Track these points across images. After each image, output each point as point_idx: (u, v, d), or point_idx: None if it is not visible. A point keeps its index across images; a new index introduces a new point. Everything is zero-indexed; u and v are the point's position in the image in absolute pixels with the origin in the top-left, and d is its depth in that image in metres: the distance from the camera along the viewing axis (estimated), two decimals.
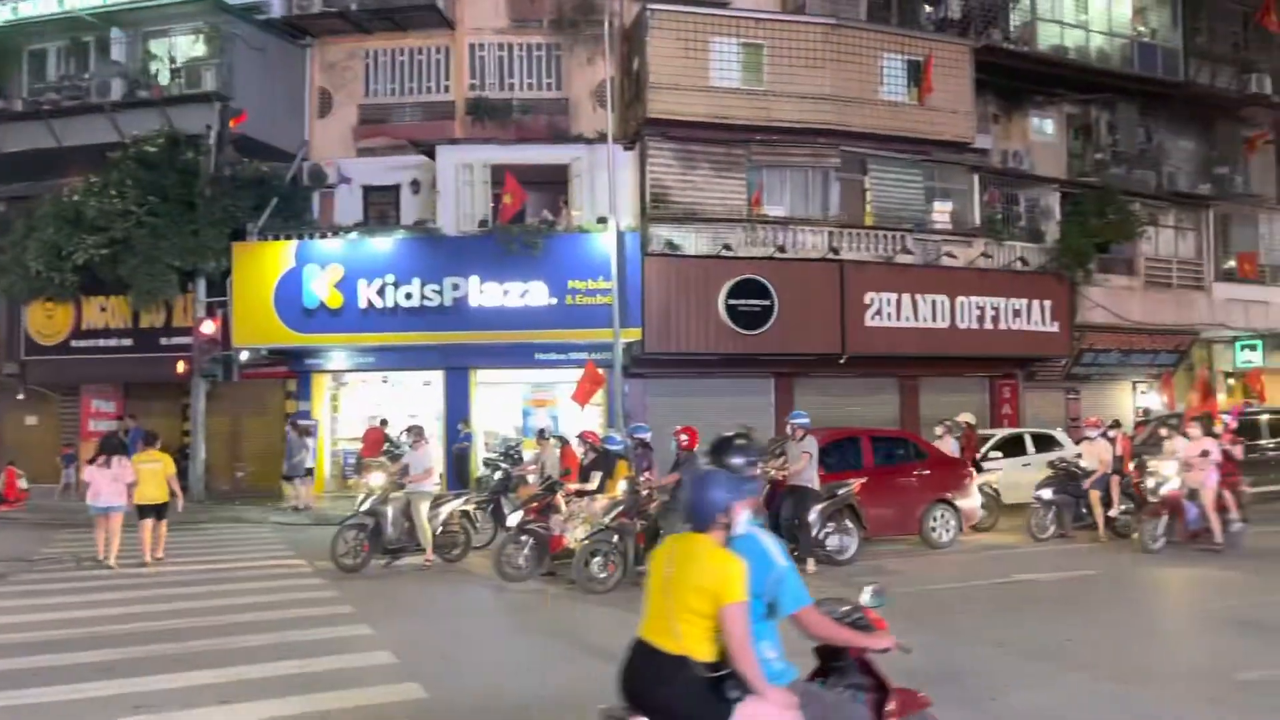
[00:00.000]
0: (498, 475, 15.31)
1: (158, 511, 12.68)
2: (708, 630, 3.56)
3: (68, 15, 21.51)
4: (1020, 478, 16.62)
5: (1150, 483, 13.44)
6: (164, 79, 21.36)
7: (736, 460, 4.07)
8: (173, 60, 21.59)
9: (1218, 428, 14.56)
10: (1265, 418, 17.68)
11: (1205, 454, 12.92)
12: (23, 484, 19.64)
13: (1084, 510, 14.29)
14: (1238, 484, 13.77)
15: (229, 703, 6.37)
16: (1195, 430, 13.48)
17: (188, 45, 21.66)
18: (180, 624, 8.74)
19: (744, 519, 3.74)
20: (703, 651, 3.57)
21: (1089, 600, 9.87)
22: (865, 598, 4.22)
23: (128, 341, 21.70)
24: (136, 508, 12.49)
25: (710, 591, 3.54)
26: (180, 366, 20.21)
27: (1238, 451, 14.12)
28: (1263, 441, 16.89)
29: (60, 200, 20.43)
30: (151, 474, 12.63)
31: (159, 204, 19.80)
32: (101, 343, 21.81)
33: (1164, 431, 14.14)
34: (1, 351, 22.61)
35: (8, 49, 21.89)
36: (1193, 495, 12.91)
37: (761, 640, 3.66)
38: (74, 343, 21.96)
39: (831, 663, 4.04)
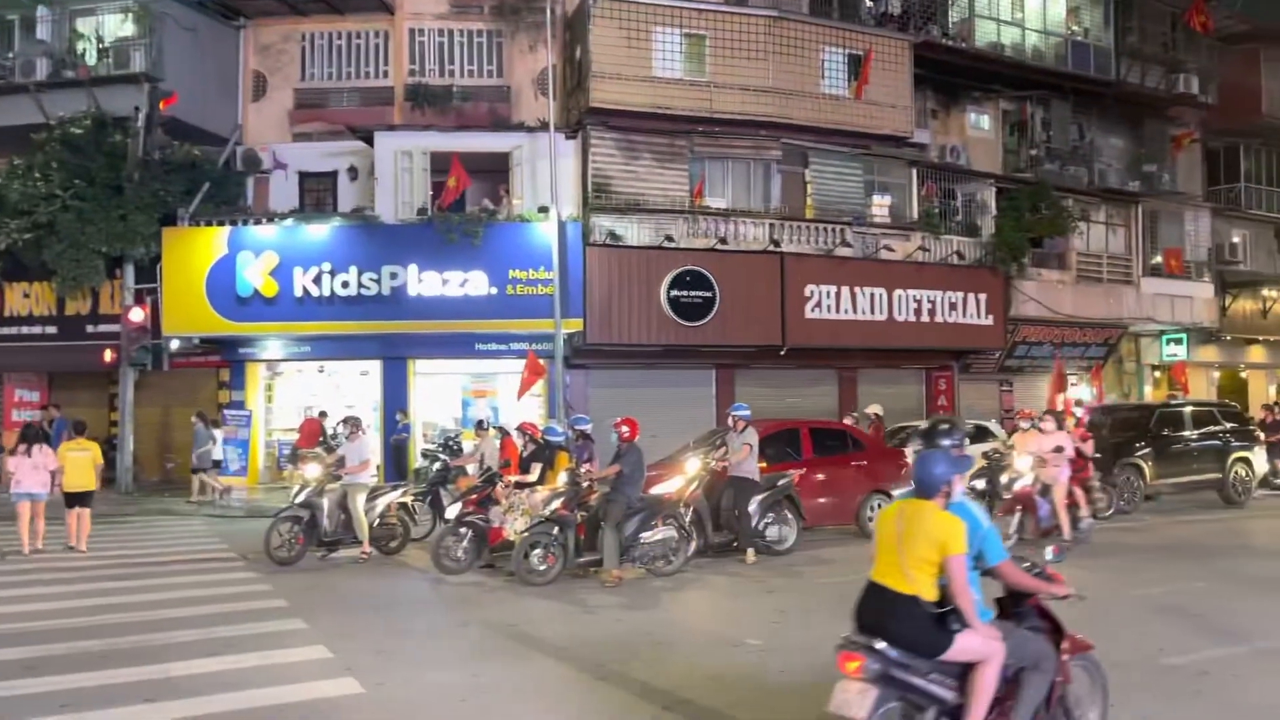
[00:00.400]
0: (436, 467, 15.14)
1: (81, 500, 12.67)
2: (933, 575, 4.40)
3: None
4: None
5: (1004, 478, 13.38)
6: (91, 59, 20.66)
7: (947, 442, 4.81)
8: (100, 40, 20.89)
9: (1069, 423, 14.89)
10: (1188, 410, 18.18)
11: (1059, 450, 12.80)
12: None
13: None
14: (1089, 480, 14.06)
15: (156, 700, 6.20)
16: (1049, 425, 13.33)
17: (116, 24, 20.98)
18: (108, 619, 8.49)
19: (960, 489, 4.59)
20: (929, 592, 4.39)
21: None
22: (1047, 555, 5.05)
23: (52, 329, 21.09)
24: (64, 495, 12.55)
25: (939, 544, 4.35)
26: (108, 355, 19.66)
27: (1088, 448, 14.20)
28: (1185, 433, 17.36)
29: None
30: (78, 462, 12.65)
31: (85, 187, 19.18)
32: (25, 330, 21.15)
33: (1024, 425, 14.33)
34: None
35: None
36: (1045, 492, 12.74)
37: (971, 586, 4.44)
38: None
39: (1014, 609, 4.83)
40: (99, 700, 6.18)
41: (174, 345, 19.85)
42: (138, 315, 19.08)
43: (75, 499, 12.58)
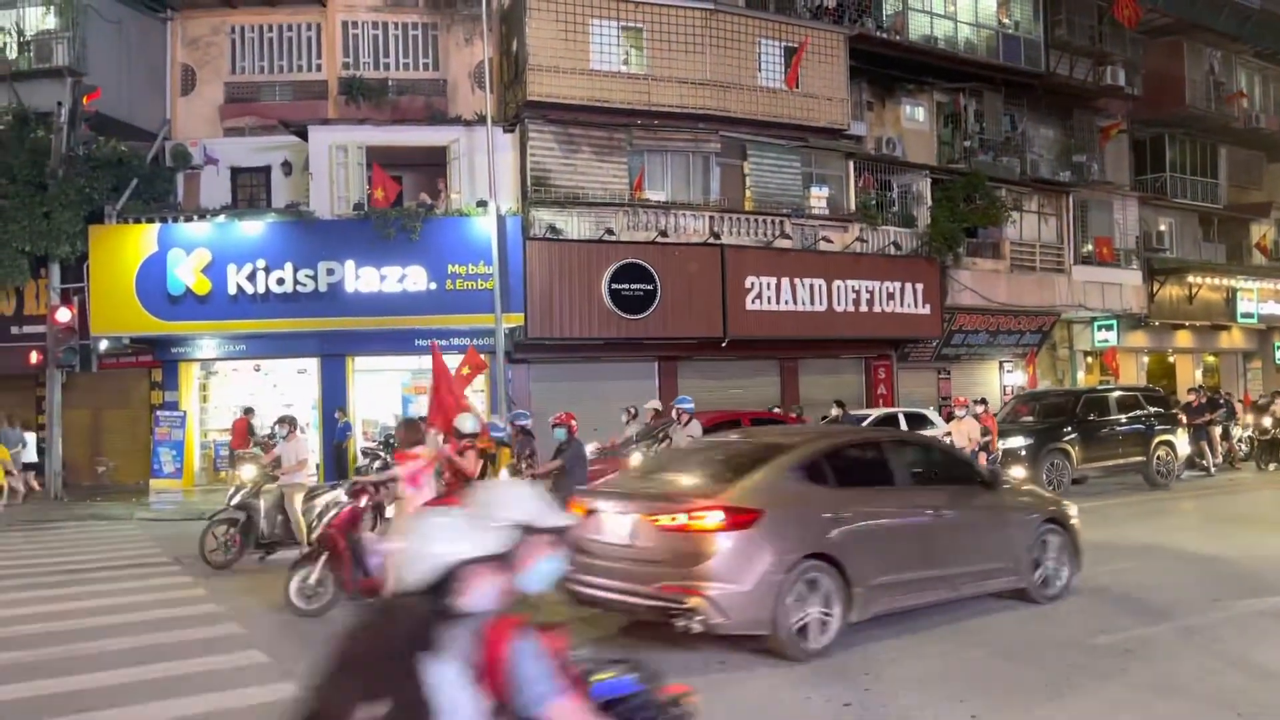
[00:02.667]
0: (377, 465, 14.95)
1: None
2: None
3: None
4: None
5: None
6: (11, 53, 20.06)
7: None
8: (21, 33, 20.28)
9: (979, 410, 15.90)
10: (1114, 395, 18.70)
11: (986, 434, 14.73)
12: None
13: None
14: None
15: (88, 710, 6.04)
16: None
17: (37, 17, 20.39)
18: (35, 628, 8.26)
19: None
20: None
21: None
22: None
23: None
24: None
25: None
26: (34, 357, 19.12)
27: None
28: (1111, 418, 17.84)
29: None
30: None
31: (7, 185, 18.73)
32: None
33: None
34: None
35: None
36: None
37: None
38: None
39: None
40: (29, 712, 6.02)
41: (103, 346, 19.38)
42: (64, 315, 18.57)
43: None
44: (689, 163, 21.45)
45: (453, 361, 18.37)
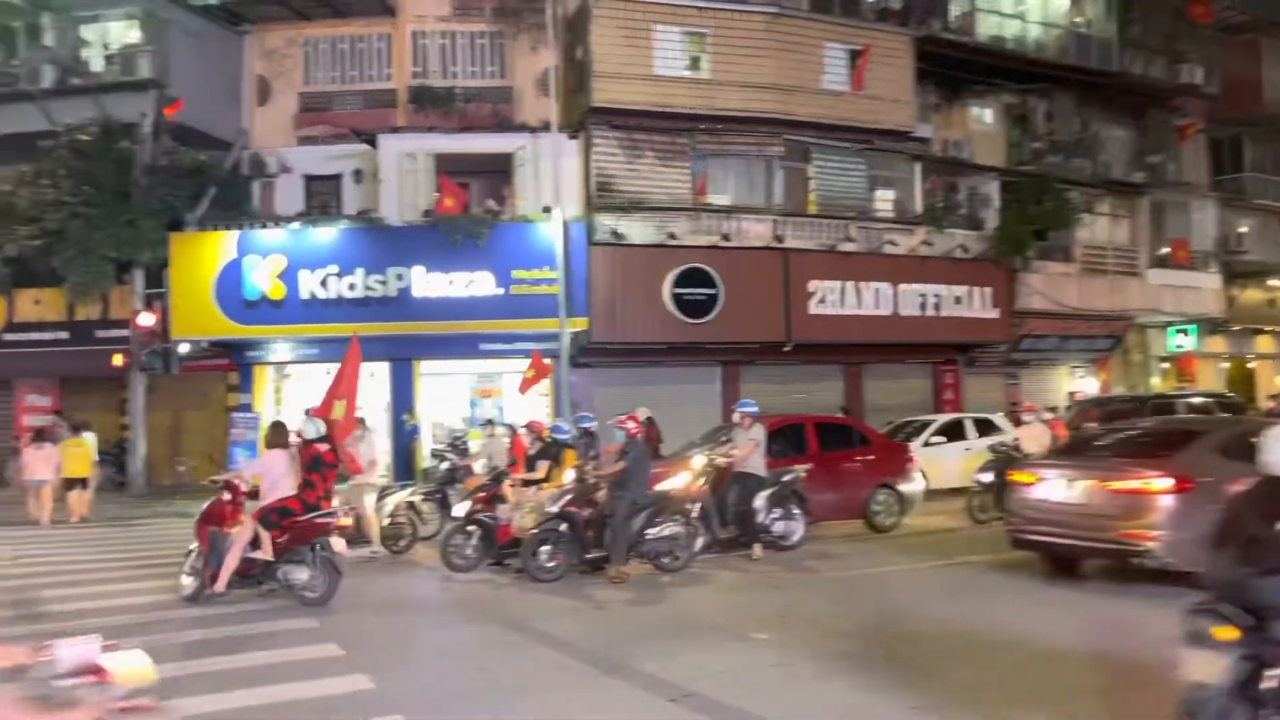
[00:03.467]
0: (444, 466, 15.23)
1: (83, 483, 16.54)
2: None
3: None
4: (962, 462, 16.96)
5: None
6: (97, 66, 20.86)
7: None
8: (106, 47, 21.09)
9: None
10: (1187, 400, 18.29)
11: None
12: None
13: None
14: None
15: (173, 697, 6.28)
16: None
17: (121, 31, 21.16)
18: (122, 620, 8.59)
19: None
20: None
21: (1027, 582, 10.10)
22: None
23: (63, 334, 21.28)
24: (64, 480, 16.23)
25: None
26: (117, 360, 19.82)
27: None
28: None
29: None
30: (75, 455, 16.45)
31: (93, 194, 19.37)
32: (35, 336, 21.32)
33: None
34: None
35: None
36: None
37: None
38: (6, 336, 21.43)
39: None
40: None
41: (183, 349, 19.97)
42: (147, 320, 19.22)
43: (73, 482, 16.38)
44: (752, 166, 21.44)
45: (518, 366, 18.72)
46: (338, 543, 9.53)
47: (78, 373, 21.60)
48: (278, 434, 10.00)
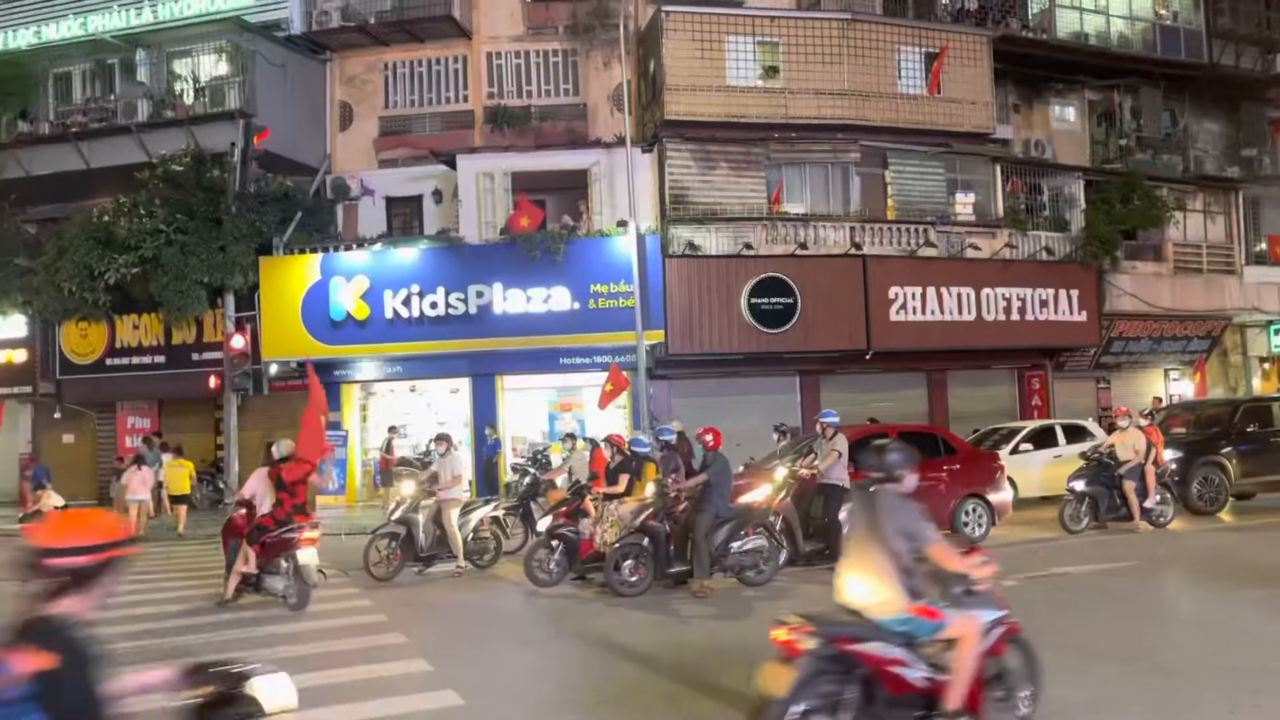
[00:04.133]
0: (526, 481, 15.38)
1: (185, 499, 18.03)
2: None
3: (92, 38, 21.90)
4: (1052, 470, 16.52)
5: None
6: (188, 98, 21.64)
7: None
8: (196, 79, 21.87)
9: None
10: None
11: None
12: (57, 501, 19.70)
13: (1119, 501, 14.19)
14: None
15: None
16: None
17: (211, 64, 21.93)
18: (217, 636, 8.86)
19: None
20: None
21: (1125, 592, 9.78)
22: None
23: (161, 358, 21.99)
24: (170, 497, 18.27)
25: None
26: (212, 381, 20.44)
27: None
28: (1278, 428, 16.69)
29: (91, 221, 20.72)
30: (178, 474, 18.39)
31: (187, 221, 20.05)
32: (135, 360, 22.11)
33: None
34: (38, 371, 22.94)
35: (33, 72, 22.24)
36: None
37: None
38: (109, 361, 22.28)
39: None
40: None
41: (273, 370, 20.54)
42: (239, 342, 19.79)
43: (176, 499, 18.04)
44: (828, 174, 21.26)
45: (597, 380, 18.83)
46: (304, 555, 10.16)
47: (175, 395, 22.35)
48: (267, 455, 11.08)
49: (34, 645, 2.70)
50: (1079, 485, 14.29)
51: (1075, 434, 17.96)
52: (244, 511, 10.77)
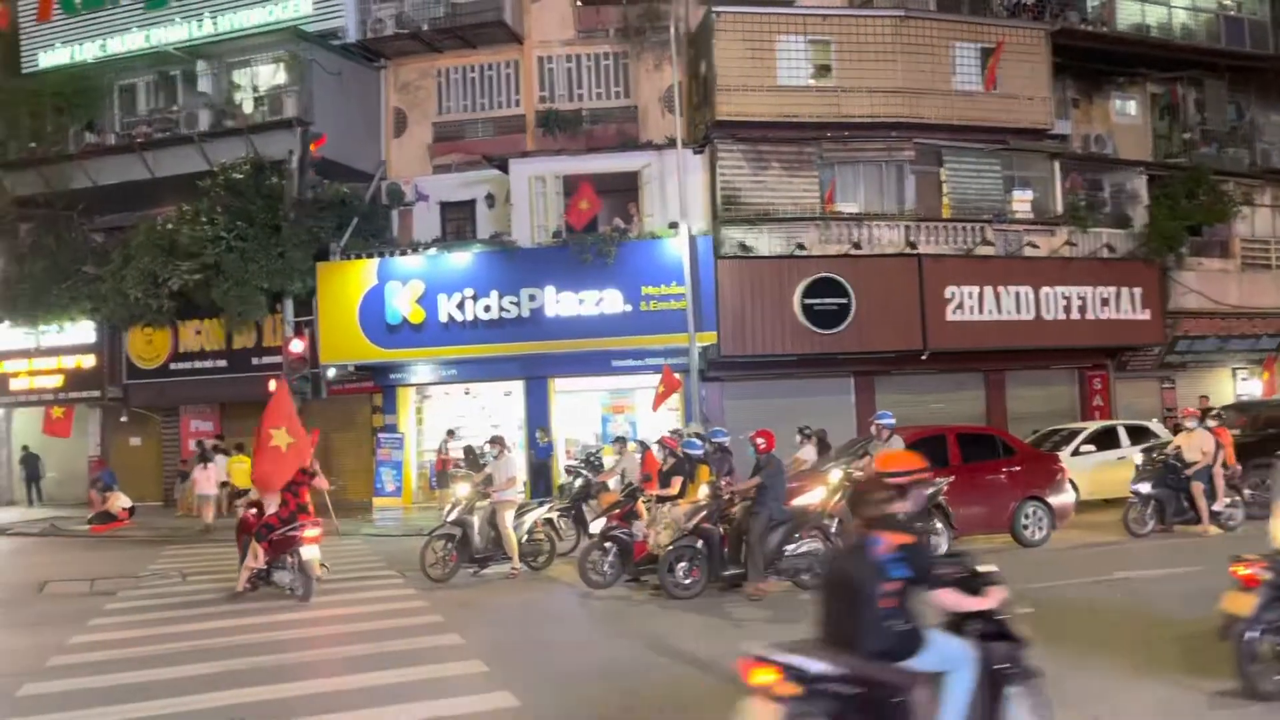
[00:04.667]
0: (578, 483, 15.42)
1: (243, 494, 17.31)
2: None
3: (155, 50, 22.43)
4: (1115, 472, 16.15)
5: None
6: (248, 108, 22.05)
7: None
8: (255, 89, 22.29)
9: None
10: None
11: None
12: (125, 502, 20.18)
13: (1186, 504, 13.83)
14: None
15: (328, 712, 6.54)
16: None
17: (269, 74, 22.33)
18: (278, 636, 9.01)
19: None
20: None
21: (1194, 597, 9.51)
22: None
23: (222, 363, 22.48)
24: (234, 491, 18.73)
25: None
26: (272, 385, 20.75)
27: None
28: None
29: (155, 229, 21.25)
30: (241, 470, 19.17)
31: (247, 229, 20.44)
32: (198, 365, 22.62)
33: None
34: (105, 376, 23.55)
35: (100, 85, 22.85)
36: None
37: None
38: (172, 365, 22.82)
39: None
40: (275, 713, 6.57)
41: (331, 373, 20.84)
42: (298, 346, 20.12)
43: (239, 492, 17.81)
44: (882, 172, 21.02)
45: (649, 382, 18.82)
46: (307, 551, 11.02)
47: (236, 398, 22.78)
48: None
49: (891, 530, 4.47)
50: (1144, 488, 13.96)
51: (1139, 435, 17.55)
52: (255, 511, 11.58)
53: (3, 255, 24.19)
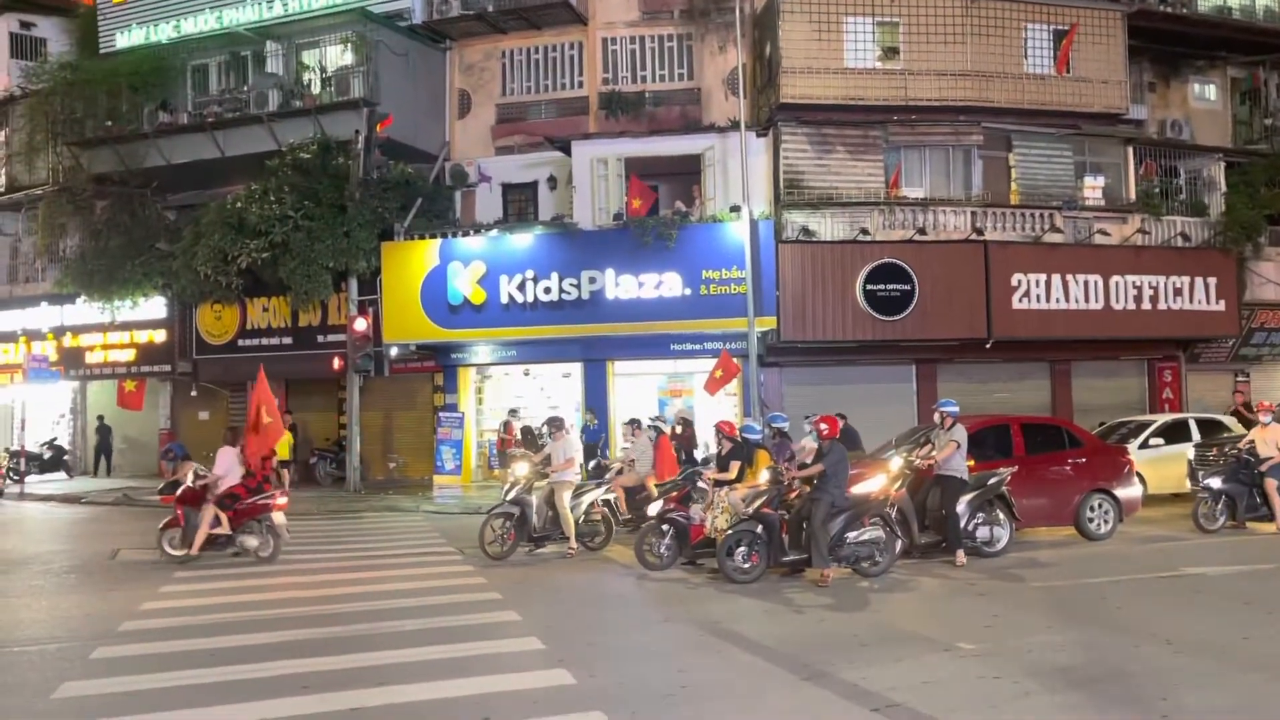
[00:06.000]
0: (591, 464, 15.48)
1: (286, 465, 18.16)
2: None
3: (226, 31, 22.85)
4: (1184, 466, 15.74)
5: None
6: (316, 88, 22.38)
7: None
8: (323, 70, 22.62)
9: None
10: None
11: None
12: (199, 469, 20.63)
13: (1259, 500, 13.44)
14: None
15: (387, 684, 6.65)
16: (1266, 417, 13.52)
17: (336, 54, 22.63)
18: (342, 608, 9.17)
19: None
20: None
21: (1267, 595, 9.26)
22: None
23: (288, 340, 22.89)
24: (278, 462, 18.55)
25: None
26: (336, 363, 21.16)
27: None
28: None
29: (225, 207, 21.67)
30: (285, 444, 18.15)
31: (313, 208, 20.76)
32: (264, 341, 23.06)
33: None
34: (176, 351, 24.17)
35: (173, 65, 23.34)
36: None
37: None
38: (240, 342, 23.30)
39: None
40: (338, 682, 6.69)
41: (393, 352, 21.12)
42: (361, 325, 20.43)
43: (284, 464, 17.74)
44: (949, 157, 20.67)
45: (707, 366, 18.76)
46: (278, 516, 12.22)
47: (301, 375, 23.20)
48: (230, 435, 12.91)
49: None
50: (1215, 483, 13.59)
51: (1211, 428, 17.09)
52: (200, 484, 12.27)
53: (80, 231, 24.89)
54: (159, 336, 24.36)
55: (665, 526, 11.36)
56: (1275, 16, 22.87)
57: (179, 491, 12.46)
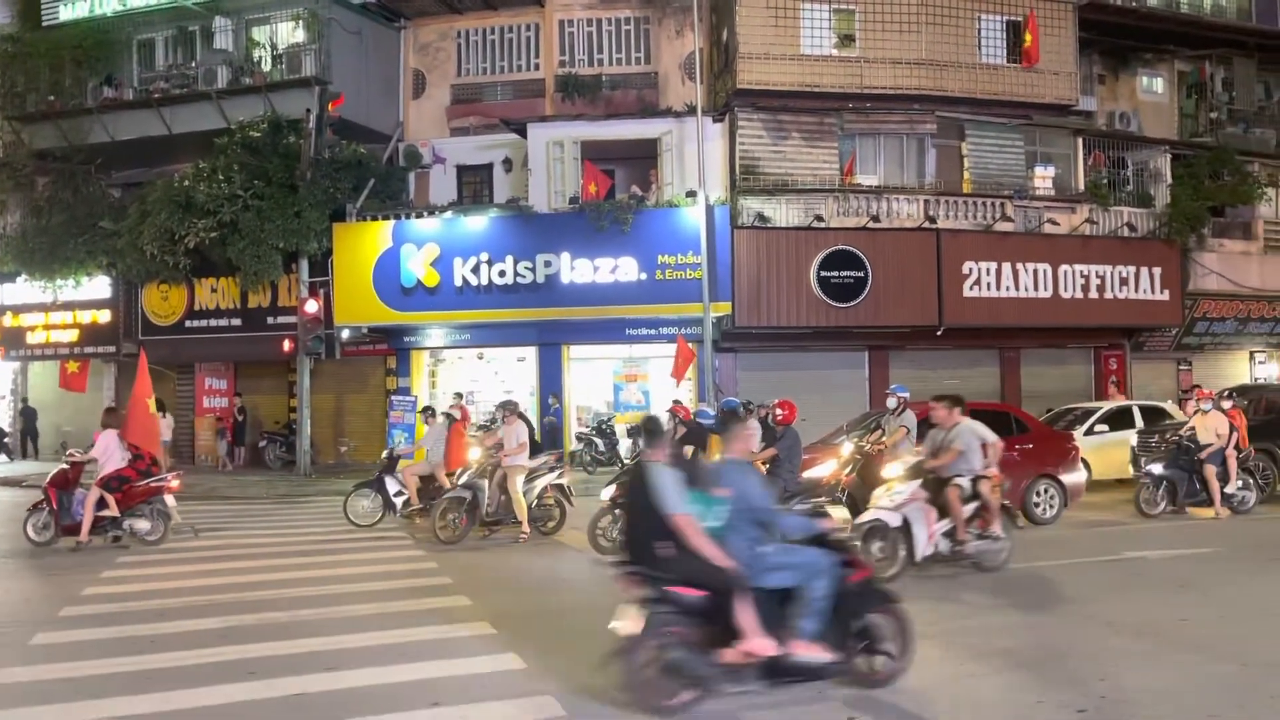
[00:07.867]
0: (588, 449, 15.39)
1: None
2: None
3: (174, 5, 22.30)
4: (1128, 452, 16.08)
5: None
6: (266, 65, 21.96)
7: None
8: (274, 46, 22.19)
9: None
10: None
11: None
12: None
13: (1198, 486, 13.77)
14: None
15: (335, 669, 6.58)
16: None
17: (288, 31, 22.22)
18: (289, 593, 9.06)
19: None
20: None
21: (1204, 579, 9.49)
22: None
23: (237, 321, 22.54)
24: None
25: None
26: (286, 345, 20.86)
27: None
28: None
29: (172, 186, 21.21)
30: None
31: (263, 187, 20.40)
32: (213, 323, 22.68)
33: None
34: (121, 332, 23.67)
35: (118, 39, 22.75)
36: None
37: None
38: (188, 323, 22.88)
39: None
40: (284, 668, 6.61)
41: (345, 335, 20.88)
42: (312, 307, 20.15)
43: None
44: (903, 145, 20.84)
45: (663, 351, 18.77)
46: (170, 499, 12.10)
47: (250, 357, 22.88)
48: (109, 416, 12.44)
49: None
50: (1157, 469, 13.90)
51: (1154, 416, 17.48)
52: (70, 465, 11.98)
53: (20, 209, 24.24)
54: (103, 317, 23.83)
55: (618, 511, 11.34)
56: (1222, 11, 23.32)
57: (51, 474, 12.11)
